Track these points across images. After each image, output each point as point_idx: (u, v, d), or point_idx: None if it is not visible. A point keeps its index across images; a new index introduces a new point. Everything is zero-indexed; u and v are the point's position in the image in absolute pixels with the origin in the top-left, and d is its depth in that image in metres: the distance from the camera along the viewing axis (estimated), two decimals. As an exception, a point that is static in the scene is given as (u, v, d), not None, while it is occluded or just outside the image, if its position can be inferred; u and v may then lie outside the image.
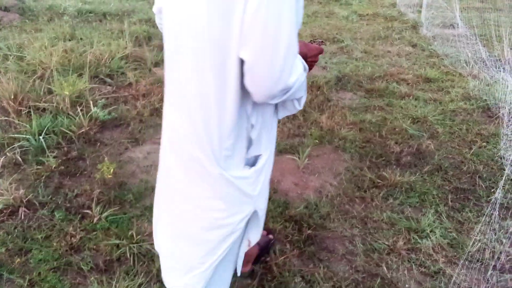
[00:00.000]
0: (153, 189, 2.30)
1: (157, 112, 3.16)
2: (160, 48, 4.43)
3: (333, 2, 7.68)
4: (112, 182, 2.33)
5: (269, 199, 2.26)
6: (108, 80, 3.60)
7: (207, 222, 1.12)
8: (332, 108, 3.38)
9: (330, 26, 5.88)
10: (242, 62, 0.91)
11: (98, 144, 2.71)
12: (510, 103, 2.88)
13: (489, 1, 8.44)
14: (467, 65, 4.16)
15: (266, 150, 1.15)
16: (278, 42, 0.88)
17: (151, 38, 4.70)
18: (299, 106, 1.13)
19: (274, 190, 2.37)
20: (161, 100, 3.30)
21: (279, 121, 3.11)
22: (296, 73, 0.96)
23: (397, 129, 3.10)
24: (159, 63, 4.04)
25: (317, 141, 2.88)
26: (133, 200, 2.22)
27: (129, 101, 3.27)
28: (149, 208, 2.17)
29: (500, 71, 3.66)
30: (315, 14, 6.65)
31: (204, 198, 1.09)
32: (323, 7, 7.17)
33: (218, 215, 1.10)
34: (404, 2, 7.52)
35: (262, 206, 1.22)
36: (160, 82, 3.60)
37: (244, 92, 0.97)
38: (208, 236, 1.13)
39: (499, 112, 3.16)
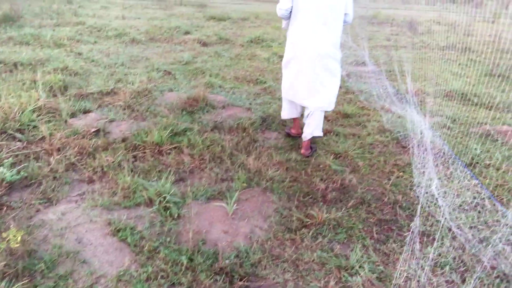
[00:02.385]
0: (67, 254, 2.11)
1: (74, 166, 2.95)
2: (78, 97, 4.24)
3: (254, 44, 7.97)
4: (20, 251, 2.09)
5: (198, 251, 2.17)
6: (18, 135, 3.33)
7: (335, 82, 3.20)
8: (258, 149, 3.40)
9: (253, 68, 6.06)
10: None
11: (4, 208, 2.44)
12: (419, 134, 3.11)
13: (394, 39, 9.31)
14: (379, 100, 4.47)
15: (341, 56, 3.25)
16: (353, 9, 3.13)
17: (67, 88, 4.47)
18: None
19: (202, 241, 2.27)
20: (78, 153, 3.10)
21: (206, 167, 3.06)
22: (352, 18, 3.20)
23: (321, 166, 3.18)
24: (75, 113, 3.84)
25: (245, 184, 2.86)
26: (45, 270, 2.00)
27: (41, 157, 3.03)
28: (64, 277, 1.96)
29: (406, 104, 3.96)
30: (238, 56, 6.83)
31: (335, 66, 3.16)
32: (245, 50, 7.41)
33: (339, 72, 3.22)
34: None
35: None
36: (77, 134, 3.40)
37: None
38: (332, 87, 3.21)
39: (412, 142, 3.38)
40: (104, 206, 2.51)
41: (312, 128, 3.26)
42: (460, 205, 2.59)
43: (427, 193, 2.63)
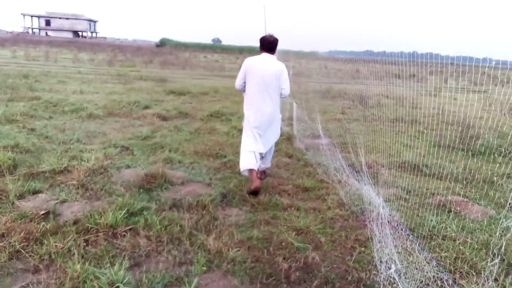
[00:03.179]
0: None
1: (18, 254, 2.72)
2: (28, 176, 4.04)
3: (214, 118, 8.13)
4: None
5: None
6: (-44, 221, 3.06)
7: (277, 132, 4.47)
8: (219, 228, 3.31)
9: (213, 142, 6.11)
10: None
11: None
12: (375, 207, 3.16)
13: (347, 112, 9.82)
14: (336, 173, 4.57)
15: (280, 117, 4.55)
16: (289, 85, 4.34)
17: (16, 166, 4.27)
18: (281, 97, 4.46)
19: (158, 336, 2.09)
20: (24, 239, 2.88)
21: (163, 250, 2.91)
22: (288, 92, 4.40)
23: (283, 243, 3.12)
24: (24, 194, 3.62)
25: (204, 267, 2.72)
26: None
27: (-19, 246, 2.77)
28: None
29: (360, 178, 4.07)
30: (197, 130, 6.90)
31: (277, 126, 4.43)
32: (205, 124, 7.52)
33: (278, 130, 4.50)
34: (277, 116, 8.32)
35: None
36: (24, 217, 3.18)
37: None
38: (274, 137, 4.48)
39: (370, 216, 3.43)
40: (49, 301, 2.29)
41: (265, 164, 4.60)
42: (422, 281, 2.58)
43: (388, 269, 2.61)
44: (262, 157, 4.40)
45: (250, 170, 4.22)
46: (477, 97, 8.43)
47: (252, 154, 4.23)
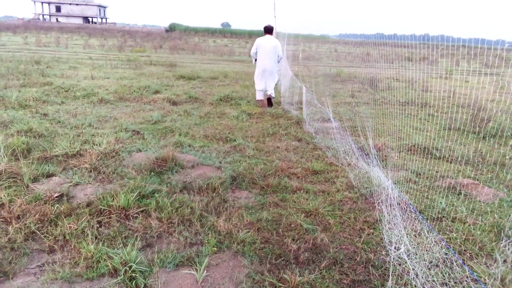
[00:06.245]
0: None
1: (34, 235, 2.80)
2: (41, 160, 4.12)
3: (223, 103, 8.13)
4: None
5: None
6: (-26, 203, 3.15)
7: (275, 78, 8.15)
8: (229, 210, 3.36)
9: (222, 126, 6.13)
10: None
11: (-47, 286, 2.25)
12: (385, 189, 3.16)
13: (357, 96, 9.73)
14: (346, 156, 4.57)
15: (277, 70, 8.43)
16: (281, 51, 8.28)
17: (30, 151, 4.35)
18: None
19: (170, 313, 2.15)
20: (39, 220, 2.96)
21: (174, 231, 2.97)
22: (281, 56, 8.46)
23: (292, 225, 3.16)
24: (38, 177, 3.70)
25: (215, 248, 2.78)
26: None
27: (-2, 227, 2.86)
28: None
29: (369, 161, 4.07)
30: (207, 115, 6.93)
31: (275, 75, 8.10)
32: (214, 108, 7.54)
33: (276, 77, 8.22)
34: (287, 100, 8.29)
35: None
36: (39, 199, 3.26)
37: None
38: (274, 81, 8.13)
39: (379, 198, 3.44)
40: (65, 279, 2.36)
41: (270, 93, 7.98)
42: (431, 262, 2.60)
43: (397, 250, 2.63)
44: (266, 91, 7.91)
45: (260, 100, 7.91)
46: (489, 80, 8.29)
47: (261, 92, 7.92)
